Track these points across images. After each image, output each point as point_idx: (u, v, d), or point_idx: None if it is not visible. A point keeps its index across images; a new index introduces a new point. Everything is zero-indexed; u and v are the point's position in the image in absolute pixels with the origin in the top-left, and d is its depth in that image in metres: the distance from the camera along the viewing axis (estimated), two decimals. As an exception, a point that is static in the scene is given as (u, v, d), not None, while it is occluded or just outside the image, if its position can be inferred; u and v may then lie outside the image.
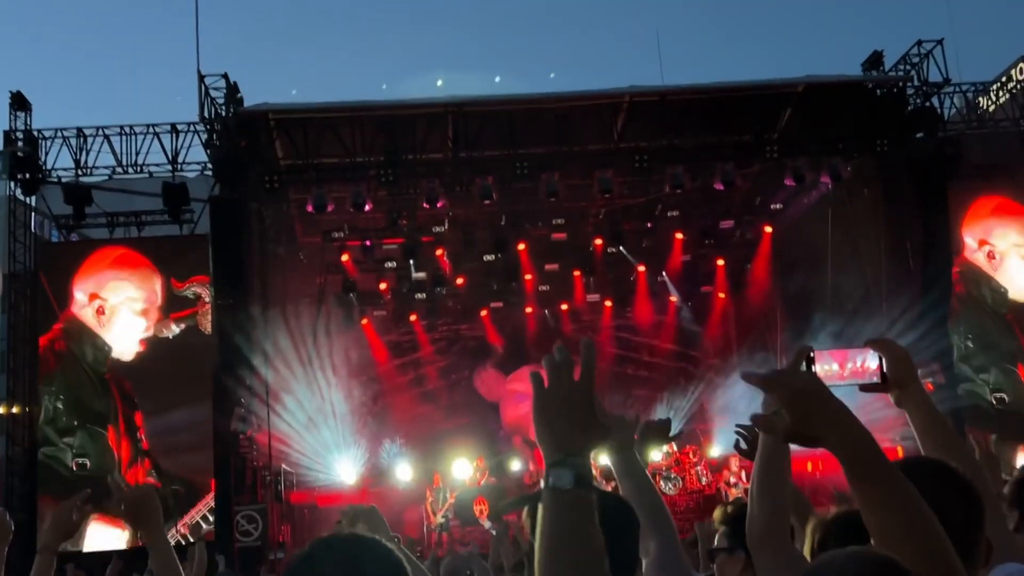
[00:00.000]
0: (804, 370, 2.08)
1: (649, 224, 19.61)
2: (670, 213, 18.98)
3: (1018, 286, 17.16)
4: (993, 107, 19.25)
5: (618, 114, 16.76)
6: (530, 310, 21.76)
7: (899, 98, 17.05)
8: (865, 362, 2.16)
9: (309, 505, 17.81)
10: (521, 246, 19.46)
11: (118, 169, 16.70)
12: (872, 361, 2.16)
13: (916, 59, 17.02)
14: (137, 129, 16.70)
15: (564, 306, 21.89)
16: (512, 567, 6.19)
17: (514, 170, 16.29)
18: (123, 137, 16.66)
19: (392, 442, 20.14)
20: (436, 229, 18.75)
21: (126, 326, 15.91)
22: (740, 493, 16.18)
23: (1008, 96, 19.18)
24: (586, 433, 1.60)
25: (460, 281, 20.46)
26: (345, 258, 19.19)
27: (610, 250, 19.93)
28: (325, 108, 16.71)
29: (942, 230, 16.74)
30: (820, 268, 18.30)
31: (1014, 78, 20.75)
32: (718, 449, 19.00)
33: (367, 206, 16.66)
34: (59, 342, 15.86)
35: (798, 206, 19.09)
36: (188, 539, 14.75)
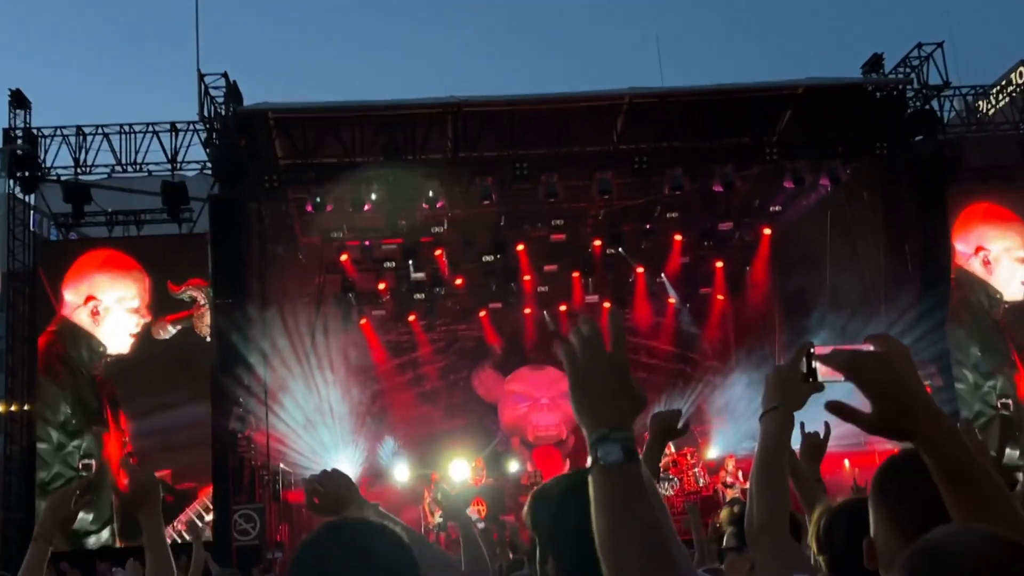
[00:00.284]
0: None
1: (648, 226, 19.61)
2: (669, 215, 18.99)
3: (1011, 289, 17.20)
4: (992, 111, 19.27)
5: (618, 116, 16.77)
6: (529, 311, 21.76)
7: (899, 101, 17.06)
8: None
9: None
10: (520, 247, 19.47)
11: (117, 168, 16.70)
12: None
13: (916, 62, 17.03)
14: (136, 128, 16.71)
15: (563, 307, 21.88)
16: (509, 568, 6.18)
17: (514, 171, 16.30)
18: (122, 136, 16.67)
19: (391, 441, 20.13)
20: (435, 229, 18.75)
21: (118, 323, 15.98)
22: (737, 494, 16.18)
23: (1007, 100, 19.20)
24: (624, 405, 1.57)
25: (459, 282, 20.45)
26: (344, 258, 19.20)
27: (609, 251, 19.93)
28: (325, 108, 16.71)
29: (941, 233, 16.75)
30: (819, 270, 18.31)
31: (1014, 82, 20.79)
32: (715, 450, 19.02)
33: (366, 206, 16.66)
34: (57, 344, 15.88)
35: (797, 208, 19.10)
36: (183, 536, 14.82)
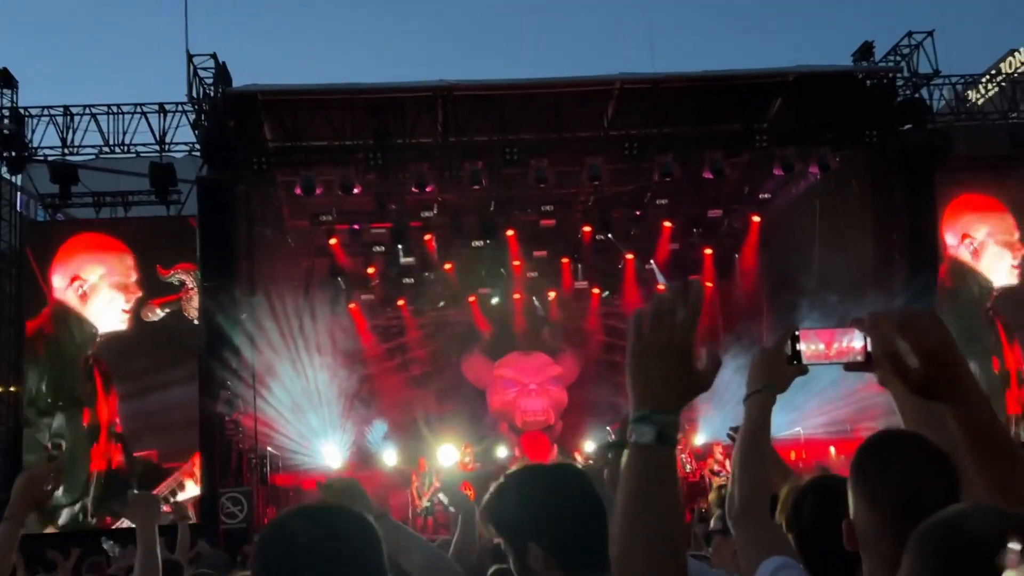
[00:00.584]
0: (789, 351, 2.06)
1: (638, 212, 19.63)
2: (659, 201, 18.99)
3: (999, 276, 17.32)
4: (982, 100, 19.31)
5: (609, 101, 16.74)
6: (518, 296, 21.77)
7: (889, 89, 17.09)
8: (852, 341, 2.14)
9: (294, 488, 17.83)
10: (510, 232, 19.45)
11: (105, 148, 16.58)
12: (857, 340, 2.14)
13: (906, 50, 17.04)
14: (124, 108, 16.58)
15: (552, 293, 21.92)
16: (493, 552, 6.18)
17: (504, 156, 16.27)
18: (110, 116, 16.54)
19: (383, 426, 20.14)
20: (425, 214, 18.71)
21: (106, 301, 15.93)
22: (724, 481, 16.27)
23: (997, 89, 19.24)
24: (680, 387, 1.53)
25: (448, 266, 20.44)
26: (333, 241, 19.15)
27: (599, 237, 19.95)
28: (314, 90, 16.63)
29: (929, 221, 16.81)
30: (807, 258, 18.37)
31: (1003, 71, 20.84)
32: (703, 437, 19.09)
33: (356, 189, 16.61)
34: (48, 326, 15.86)
35: (786, 196, 19.14)
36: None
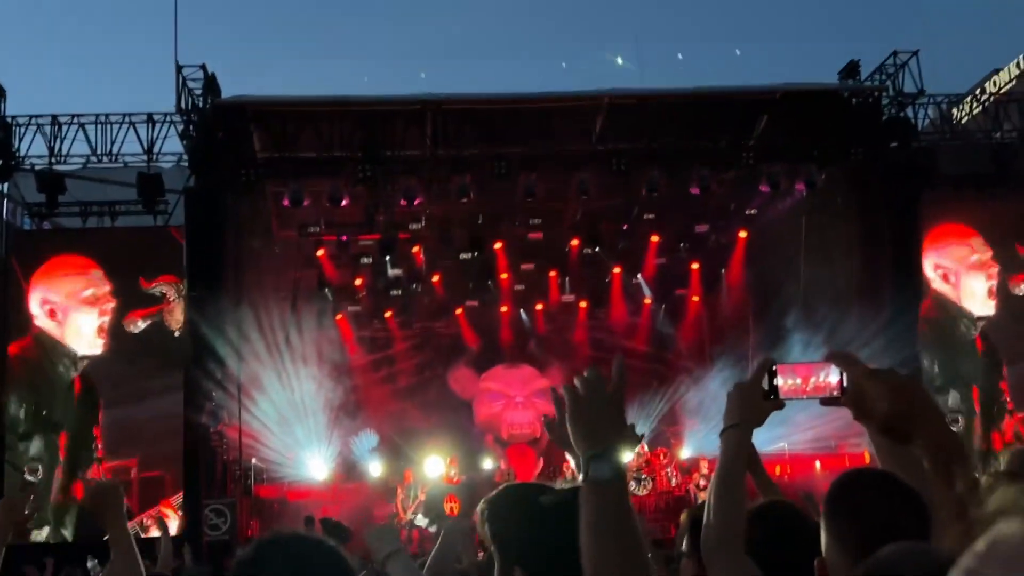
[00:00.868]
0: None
1: (625, 226, 19.68)
2: (646, 216, 19.05)
3: (978, 304, 17.38)
4: (966, 119, 19.49)
5: (597, 116, 16.81)
6: (505, 309, 21.78)
7: (874, 108, 17.23)
8: (828, 376, 2.14)
9: (279, 500, 17.75)
10: (498, 245, 19.48)
11: (92, 158, 16.53)
12: (833, 375, 2.15)
13: (892, 69, 17.20)
14: (113, 118, 16.54)
15: (539, 306, 21.93)
16: (484, 566, 6.19)
17: (492, 169, 16.32)
18: (98, 126, 16.50)
19: (372, 437, 20.08)
20: (413, 226, 18.71)
21: (78, 320, 15.90)
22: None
23: (981, 108, 19.42)
24: (618, 434, 1.74)
25: (436, 279, 20.44)
26: (320, 253, 19.13)
27: (586, 251, 19.99)
28: (304, 102, 16.65)
29: (914, 239, 16.92)
30: (793, 274, 18.46)
31: (987, 91, 21.04)
32: (688, 451, 19.12)
33: (344, 201, 16.61)
34: (29, 351, 15.82)
35: (772, 212, 19.24)
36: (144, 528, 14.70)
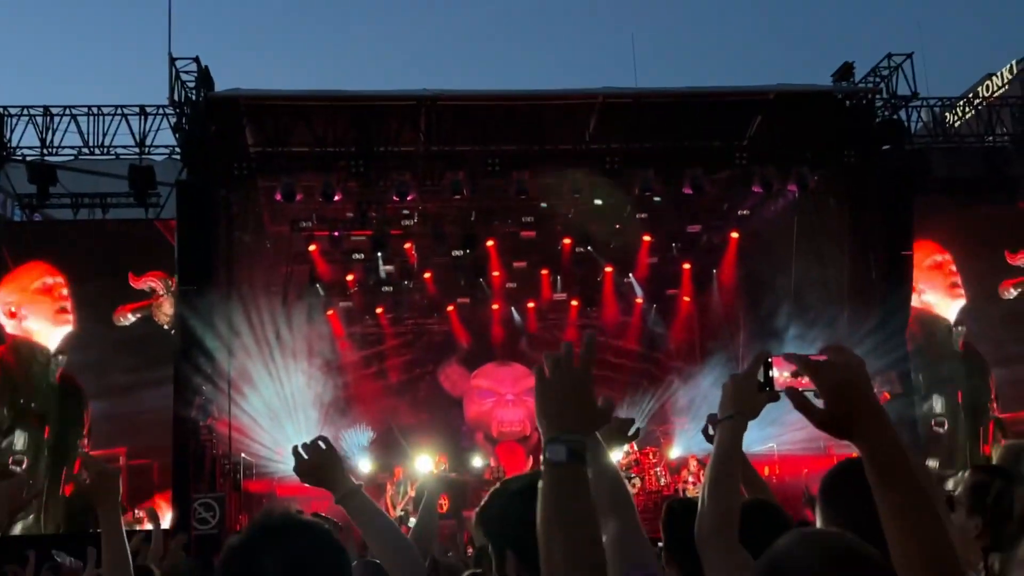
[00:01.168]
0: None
1: (617, 226, 19.71)
2: (639, 215, 19.08)
3: (949, 307, 17.46)
4: (959, 123, 19.56)
5: (591, 115, 16.82)
6: (497, 307, 21.79)
7: (867, 110, 17.27)
8: None
9: (267, 495, 17.72)
10: (490, 243, 19.47)
11: (84, 150, 16.48)
12: None
13: (886, 72, 17.23)
14: (105, 110, 16.50)
15: (531, 304, 21.95)
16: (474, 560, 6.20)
17: (486, 166, 16.31)
18: (90, 117, 16.45)
19: (355, 432, 20.07)
20: (405, 223, 18.71)
21: (35, 309, 15.95)
22: (698, 494, 16.32)
23: (974, 112, 19.50)
24: (583, 415, 1.77)
25: (428, 276, 20.43)
26: (312, 248, 19.08)
27: (578, 250, 20.00)
28: (297, 96, 16.59)
29: (905, 242, 16.97)
30: (784, 275, 18.50)
31: (980, 95, 21.12)
32: (678, 450, 19.17)
33: (336, 197, 16.58)
34: (7, 355, 15.88)
35: (765, 213, 19.28)
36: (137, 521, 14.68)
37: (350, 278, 20.23)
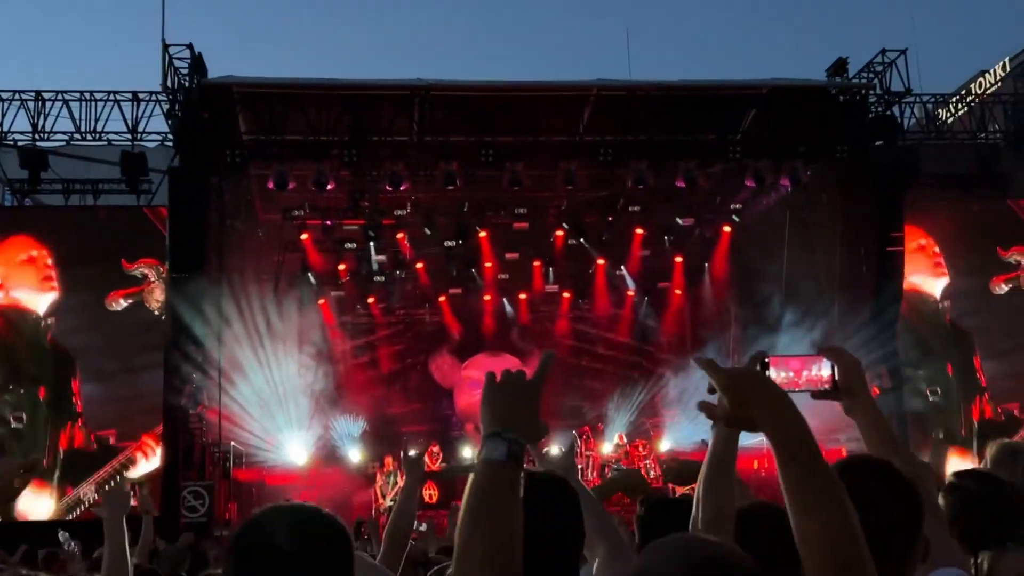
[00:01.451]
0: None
1: (610, 218, 19.72)
2: (631, 208, 19.10)
3: (935, 285, 17.73)
4: (951, 119, 19.62)
5: (585, 107, 16.81)
6: (488, 298, 21.79)
7: (861, 105, 17.30)
8: (820, 370, 2.19)
9: (257, 483, 17.73)
10: (483, 234, 19.46)
11: (76, 135, 16.41)
12: (825, 369, 2.20)
13: (879, 68, 17.26)
14: (97, 95, 16.43)
15: (523, 295, 21.95)
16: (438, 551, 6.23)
17: (479, 157, 16.29)
18: (83, 103, 16.38)
19: (346, 421, 20.08)
20: (398, 212, 18.68)
21: (20, 278, 16.13)
22: (687, 491, 16.37)
23: (966, 109, 19.55)
24: (527, 422, 1.71)
25: (420, 266, 20.42)
26: (304, 237, 19.04)
27: (571, 242, 20.01)
28: (291, 84, 16.54)
29: (896, 237, 17.03)
30: (776, 269, 18.55)
31: (973, 92, 21.18)
32: (668, 443, 19.21)
33: (329, 185, 16.54)
34: (-1, 319, 16.04)
35: (757, 207, 19.31)
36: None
37: (342, 267, 20.20)
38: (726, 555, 1.46)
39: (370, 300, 21.32)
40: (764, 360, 2.12)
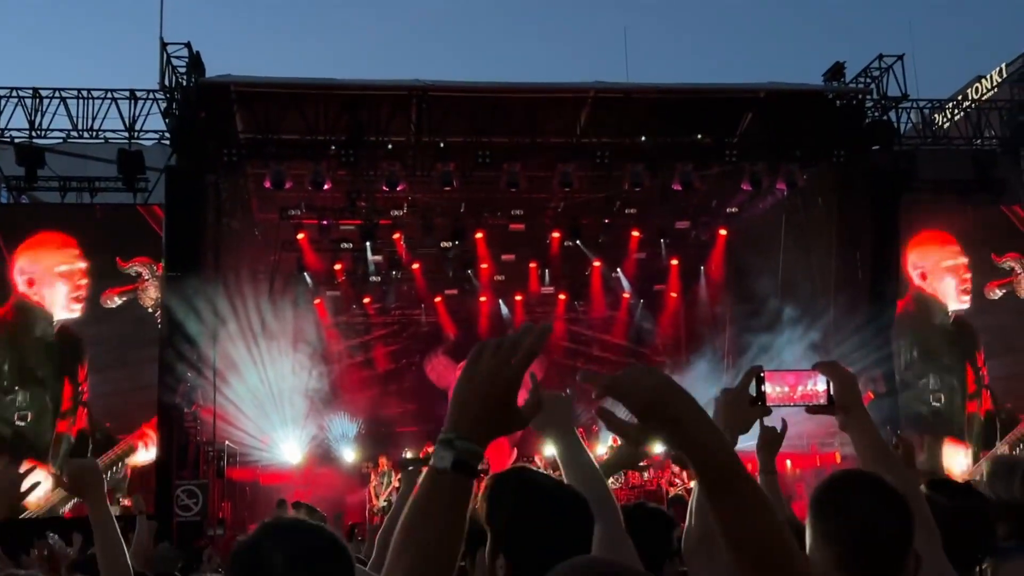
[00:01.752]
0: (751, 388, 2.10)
1: (607, 220, 19.74)
2: (628, 210, 19.11)
3: (949, 297, 17.73)
4: (947, 124, 19.65)
5: (582, 109, 16.82)
6: (484, 299, 21.80)
7: (857, 110, 17.33)
8: (815, 385, 2.20)
9: (251, 483, 17.71)
10: (479, 235, 19.47)
11: (73, 133, 16.37)
12: (820, 384, 2.21)
13: (876, 72, 17.29)
14: (95, 93, 16.38)
15: (519, 297, 21.96)
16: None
17: (476, 158, 16.30)
18: (80, 101, 16.33)
19: (341, 421, 20.07)
20: (395, 213, 18.68)
21: (54, 289, 16.00)
22: (680, 491, 16.40)
23: (962, 114, 19.59)
24: (493, 419, 1.57)
25: (416, 266, 20.42)
26: (301, 236, 19.04)
27: (567, 244, 20.03)
28: (288, 83, 16.51)
29: (892, 242, 17.07)
30: (771, 273, 18.57)
31: (969, 97, 21.23)
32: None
33: (326, 185, 16.54)
34: (9, 314, 15.87)
35: (753, 210, 19.35)
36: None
37: (338, 267, 20.19)
38: (623, 572, 1.45)
39: (366, 300, 21.33)
40: (760, 375, 2.13)
